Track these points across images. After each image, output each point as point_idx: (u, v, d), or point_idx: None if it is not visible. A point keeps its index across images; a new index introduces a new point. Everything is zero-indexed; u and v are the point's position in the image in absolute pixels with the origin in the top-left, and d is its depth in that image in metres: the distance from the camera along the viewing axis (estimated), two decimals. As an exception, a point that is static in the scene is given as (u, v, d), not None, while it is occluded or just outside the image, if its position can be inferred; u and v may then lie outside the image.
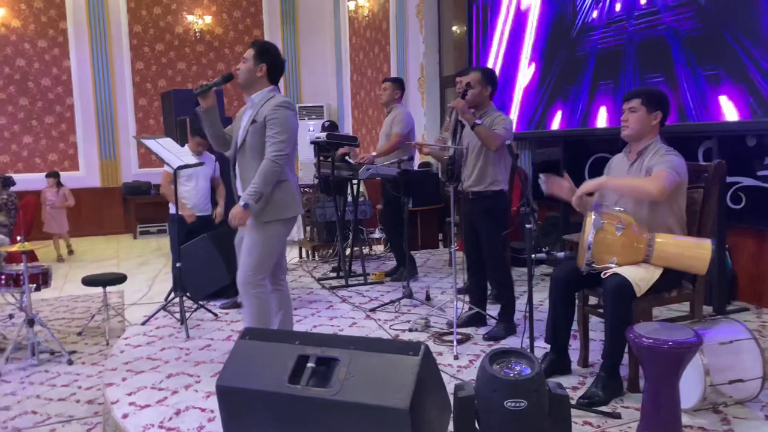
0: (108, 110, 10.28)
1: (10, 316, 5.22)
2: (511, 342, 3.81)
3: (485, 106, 3.92)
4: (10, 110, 9.73)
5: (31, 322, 4.37)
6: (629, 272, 2.85)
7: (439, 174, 7.03)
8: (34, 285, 4.46)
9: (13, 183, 7.89)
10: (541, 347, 3.33)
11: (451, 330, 3.86)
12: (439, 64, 8.23)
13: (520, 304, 4.15)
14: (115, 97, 10.33)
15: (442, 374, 2.55)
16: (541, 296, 4.58)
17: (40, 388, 3.95)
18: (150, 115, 10.59)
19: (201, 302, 4.84)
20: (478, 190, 3.90)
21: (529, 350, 2.84)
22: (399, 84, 5.57)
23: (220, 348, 4.01)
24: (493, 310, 4.18)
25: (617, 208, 3.00)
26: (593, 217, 2.91)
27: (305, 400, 2.32)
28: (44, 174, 8.71)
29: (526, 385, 2.28)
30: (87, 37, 10.09)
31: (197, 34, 10.79)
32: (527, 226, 2.97)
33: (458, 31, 8.27)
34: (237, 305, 4.87)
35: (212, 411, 2.99)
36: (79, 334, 5.04)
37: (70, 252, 8.63)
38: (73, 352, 4.55)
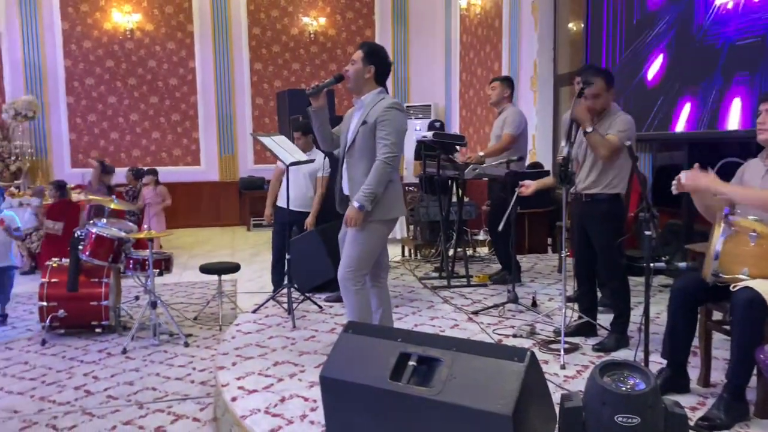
0: (227, 108, 10.86)
1: (136, 298, 5.64)
2: (622, 355, 3.60)
3: (608, 109, 3.75)
4: (142, 108, 10.52)
5: (154, 304, 4.69)
6: (763, 286, 2.60)
7: (551, 175, 6.80)
8: (158, 270, 4.79)
9: (143, 175, 8.51)
10: (657, 362, 3.12)
11: (558, 338, 3.71)
12: (554, 62, 7.97)
13: (635, 315, 3.92)
14: (234, 96, 10.89)
15: (548, 383, 2.46)
16: (658, 308, 4.30)
17: (160, 367, 4.23)
18: (265, 114, 11.07)
19: (308, 294, 4.97)
20: (594, 192, 3.71)
21: (643, 364, 2.67)
22: (508, 83, 5.43)
23: (323, 340, 4.10)
24: (602, 320, 3.98)
25: (751, 217, 2.75)
26: (723, 224, 2.68)
27: (406, 398, 2.31)
28: (171, 167, 9.35)
29: (641, 401, 2.14)
30: (211, 40, 10.71)
31: (311, 35, 11.14)
32: (646, 233, 2.79)
33: (575, 28, 7.96)
34: (340, 299, 4.96)
35: (315, 401, 3.05)
36: (195, 318, 5.35)
37: None
38: (189, 335, 4.83)
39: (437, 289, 5.35)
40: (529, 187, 4.09)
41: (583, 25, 7.34)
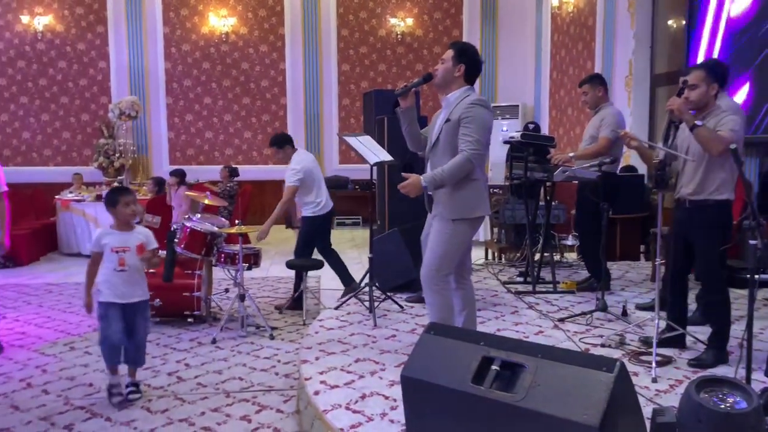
0: (315, 109, 11.11)
1: (226, 290, 5.87)
2: (720, 371, 3.38)
3: (710, 106, 3.50)
4: (235, 108, 10.95)
5: (242, 297, 4.86)
6: None
7: (645, 179, 6.49)
8: (247, 264, 4.96)
9: (237, 173, 8.85)
10: (760, 381, 2.91)
11: (650, 350, 3.53)
12: (651, 61, 7.61)
13: (734, 330, 3.68)
14: (322, 96, 11.13)
15: (639, 397, 2.34)
16: (763, 323, 4.01)
17: (246, 358, 4.38)
18: (351, 114, 11.24)
19: (389, 293, 5.00)
20: (699, 199, 3.48)
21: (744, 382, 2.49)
22: (598, 81, 5.10)
23: (404, 339, 4.11)
24: (696, 333, 3.76)
25: None
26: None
27: (488, 402, 2.27)
28: (261, 166, 9.67)
29: (741, 421, 2.00)
30: (301, 42, 11.00)
31: (398, 36, 11.20)
32: (751, 242, 2.60)
33: (675, 26, 7.56)
34: (421, 300, 4.95)
35: (395, 400, 3.06)
36: (281, 312, 5.50)
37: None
38: (275, 328, 4.98)
39: (521, 295, 5.23)
40: (633, 139, 3.80)
41: (684, 23, 6.96)
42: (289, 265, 5.50)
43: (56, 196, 8.76)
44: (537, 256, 5.68)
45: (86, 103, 10.58)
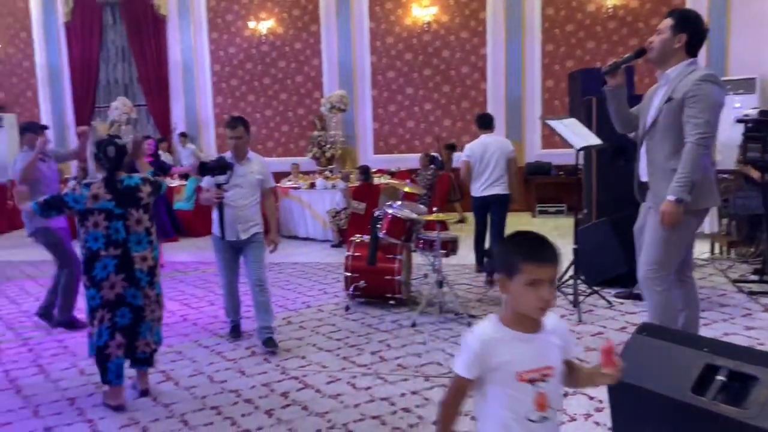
0: (516, 93, 10.82)
1: (425, 276, 5.98)
2: None
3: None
4: (435, 97, 11.11)
5: (440, 283, 4.91)
6: None
7: None
8: (445, 251, 4.99)
9: (437, 161, 8.98)
10: None
11: None
12: None
13: None
14: (524, 79, 10.80)
15: None
16: None
17: (445, 344, 4.41)
18: (555, 96, 10.75)
19: (596, 287, 4.69)
20: None
21: None
22: None
23: (612, 338, 3.82)
24: None
25: None
26: None
27: (711, 416, 2.00)
28: (461, 153, 9.63)
29: None
30: (503, 25, 10.76)
31: (609, 10, 10.42)
32: None
33: None
34: (632, 296, 4.57)
35: (601, 401, 2.85)
36: (479, 300, 5.46)
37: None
38: (473, 316, 4.95)
39: (756, 295, 4.58)
40: None
41: None
42: (488, 253, 5.43)
43: (277, 184, 9.65)
44: (775, 251, 4.92)
45: (301, 98, 11.50)
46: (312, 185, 8.91)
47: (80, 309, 4.77)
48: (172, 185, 9.06)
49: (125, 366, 3.55)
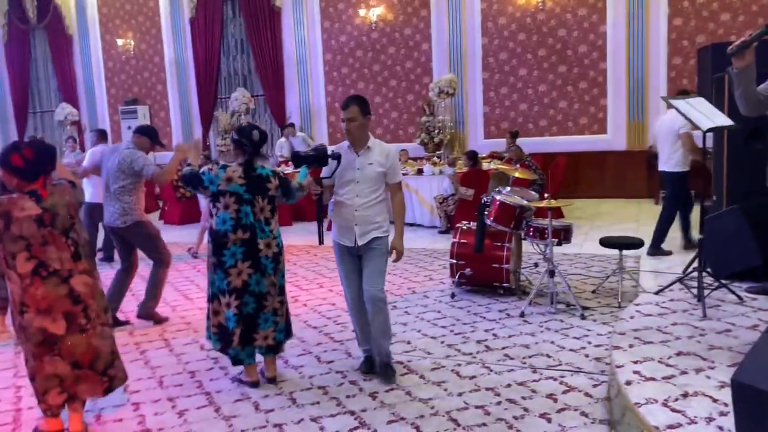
0: (639, 72, 10.15)
1: (535, 265, 5.79)
2: None
3: None
4: (550, 78, 10.67)
5: (552, 273, 4.72)
6: None
7: None
8: (557, 240, 4.79)
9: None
10: None
11: None
12: None
13: None
14: (647, 58, 10.11)
15: None
16: None
17: (555, 335, 4.25)
18: (683, 74, 9.98)
19: (724, 281, 4.30)
20: None
21: None
22: None
23: (742, 336, 3.49)
24: None
25: None
26: None
27: None
28: (577, 136, 9.24)
29: None
30: (624, 0, 10.11)
31: (747, -23, 9.48)
32: None
33: None
34: (766, 292, 4.16)
35: (725, 404, 2.61)
36: (593, 292, 5.20)
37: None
38: (586, 308, 4.72)
39: None
40: None
41: None
42: (604, 242, 5.15)
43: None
44: None
45: (411, 84, 11.48)
46: (419, 171, 8.89)
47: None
48: (286, 172, 9.41)
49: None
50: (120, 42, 13.13)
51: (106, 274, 6.20)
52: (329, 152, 3.63)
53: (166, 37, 12.89)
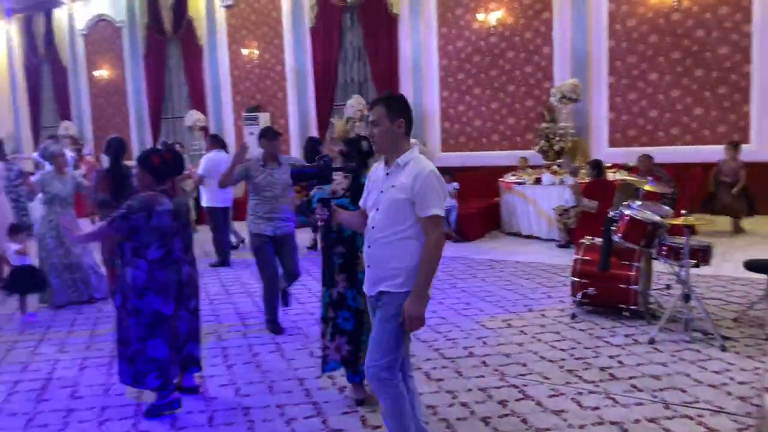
0: (791, 75, 9.12)
1: (667, 287, 5.28)
2: None
3: None
4: (684, 82, 9.84)
5: (686, 297, 4.27)
6: None
7: None
8: (694, 261, 4.33)
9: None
10: None
11: None
12: None
13: None
14: (801, 59, 9.06)
15: None
16: None
17: (690, 367, 3.82)
18: (843, 78, 8.85)
19: None
20: None
21: None
22: None
23: None
24: None
25: None
26: None
27: None
28: (714, 146, 8.47)
29: None
30: (773, -4, 9.14)
31: None
32: None
33: None
34: None
35: None
36: (735, 320, 4.65)
37: (739, 230, 8.09)
38: (727, 338, 4.22)
39: None
40: None
41: None
42: (751, 265, 4.59)
43: (500, 179, 9.42)
44: None
45: (530, 89, 11.05)
46: (537, 180, 8.50)
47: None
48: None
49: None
50: (245, 51, 13.71)
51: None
52: (333, 165, 3.02)
53: (288, 46, 13.29)
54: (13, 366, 4.33)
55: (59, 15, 15.94)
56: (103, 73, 15.64)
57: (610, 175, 7.91)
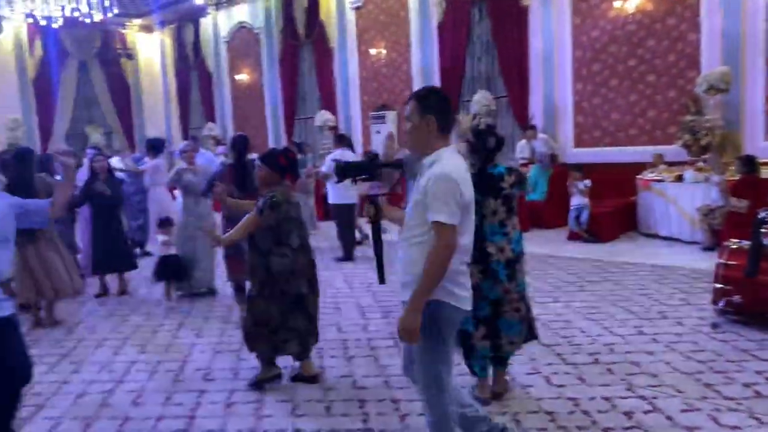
0: None
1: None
2: None
3: None
4: None
5: None
6: None
7: None
8: None
9: None
10: None
11: None
12: None
13: None
14: None
15: None
16: None
17: None
18: None
19: None
20: None
21: None
22: None
23: None
24: None
25: None
26: None
27: None
28: None
29: None
30: None
31: None
32: None
33: None
34: None
35: None
36: None
37: None
38: None
39: None
40: None
41: None
42: None
43: (638, 176, 8.83)
44: None
45: (673, 79, 10.24)
46: (679, 177, 7.87)
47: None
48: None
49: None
50: (373, 52, 13.99)
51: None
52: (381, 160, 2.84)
53: (415, 44, 13.38)
54: (158, 348, 4.74)
55: (205, 24, 17.24)
56: (243, 77, 16.71)
57: (765, 173, 7.13)
